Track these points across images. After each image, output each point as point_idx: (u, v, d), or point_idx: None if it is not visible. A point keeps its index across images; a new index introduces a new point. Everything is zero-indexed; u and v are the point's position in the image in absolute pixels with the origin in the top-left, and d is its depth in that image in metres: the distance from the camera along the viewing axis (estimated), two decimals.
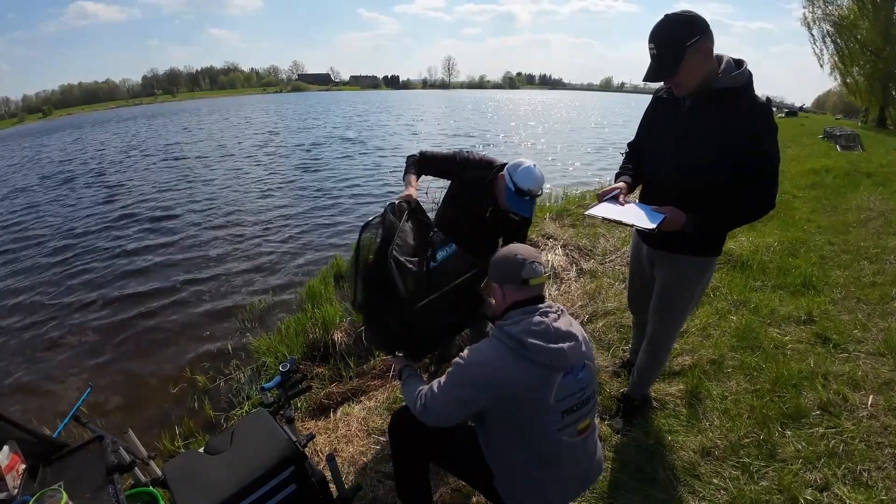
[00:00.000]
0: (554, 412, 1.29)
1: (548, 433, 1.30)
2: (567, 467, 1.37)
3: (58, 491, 1.35)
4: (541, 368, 1.28)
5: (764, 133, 1.55)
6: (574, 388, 1.32)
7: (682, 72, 1.55)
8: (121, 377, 3.67)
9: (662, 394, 2.33)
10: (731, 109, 1.56)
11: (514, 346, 1.29)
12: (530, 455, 1.34)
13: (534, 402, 1.28)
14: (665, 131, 1.79)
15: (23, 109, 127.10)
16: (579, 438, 1.36)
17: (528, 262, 1.38)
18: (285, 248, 6.32)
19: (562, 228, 5.49)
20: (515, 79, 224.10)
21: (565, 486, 1.40)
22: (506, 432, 1.36)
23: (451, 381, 1.36)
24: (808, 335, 2.78)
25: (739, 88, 1.56)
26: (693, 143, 1.65)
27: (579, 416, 1.35)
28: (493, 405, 1.31)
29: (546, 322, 1.32)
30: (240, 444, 1.62)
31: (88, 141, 21.13)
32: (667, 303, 1.90)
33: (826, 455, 1.90)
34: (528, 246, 1.51)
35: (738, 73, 1.56)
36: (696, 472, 1.86)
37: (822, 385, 2.29)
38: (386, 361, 3.12)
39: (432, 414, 1.38)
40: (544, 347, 1.27)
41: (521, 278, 1.37)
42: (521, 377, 1.27)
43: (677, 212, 1.62)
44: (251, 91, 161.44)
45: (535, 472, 1.36)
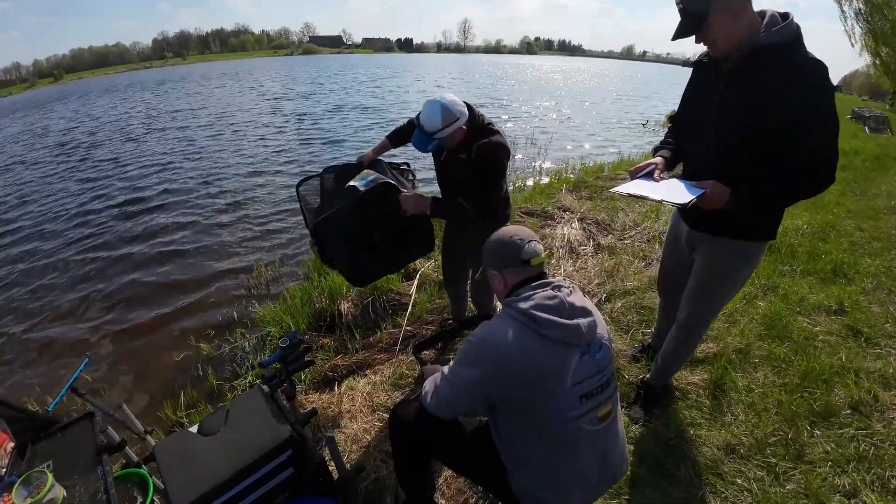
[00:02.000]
0: (571, 396, 1.19)
1: (565, 420, 1.19)
2: (588, 459, 1.24)
3: (44, 473, 1.30)
4: (556, 346, 1.17)
5: (818, 95, 1.31)
6: (592, 369, 1.21)
7: (711, 28, 1.36)
8: (124, 345, 3.63)
9: (685, 383, 2.20)
10: (777, 70, 1.33)
11: (526, 321, 1.18)
12: (547, 446, 1.22)
13: (549, 385, 1.17)
14: (705, 100, 1.57)
15: (34, 74, 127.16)
16: (600, 426, 1.24)
17: (526, 241, 1.30)
18: (293, 216, 6.20)
19: (579, 201, 5.29)
20: (533, 44, 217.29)
21: (587, 481, 1.27)
22: (519, 421, 1.24)
23: (460, 359, 1.25)
24: (839, 327, 2.62)
25: (785, 45, 1.33)
26: (736, 111, 1.45)
27: (599, 401, 1.23)
28: (505, 388, 1.19)
29: (560, 296, 1.21)
30: (234, 425, 1.54)
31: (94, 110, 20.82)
32: (705, 289, 1.73)
33: (855, 459, 1.78)
34: (518, 226, 1.41)
35: (783, 26, 1.33)
36: (719, 470, 1.75)
37: (854, 382, 2.15)
38: (392, 334, 3.03)
39: (442, 401, 1.28)
40: (559, 322, 1.17)
41: (521, 259, 1.29)
42: (535, 354, 1.16)
43: (719, 186, 1.43)
44: (262, 53, 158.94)
45: (553, 465, 1.24)
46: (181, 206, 6.62)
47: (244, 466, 1.38)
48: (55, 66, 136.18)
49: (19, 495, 1.24)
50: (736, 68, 1.43)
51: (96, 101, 24.76)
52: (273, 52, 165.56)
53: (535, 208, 4.98)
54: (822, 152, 1.35)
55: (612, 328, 2.72)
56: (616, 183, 5.84)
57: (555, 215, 4.80)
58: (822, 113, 1.31)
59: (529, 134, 11.35)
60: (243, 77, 37.31)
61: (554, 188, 5.92)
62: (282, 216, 6.07)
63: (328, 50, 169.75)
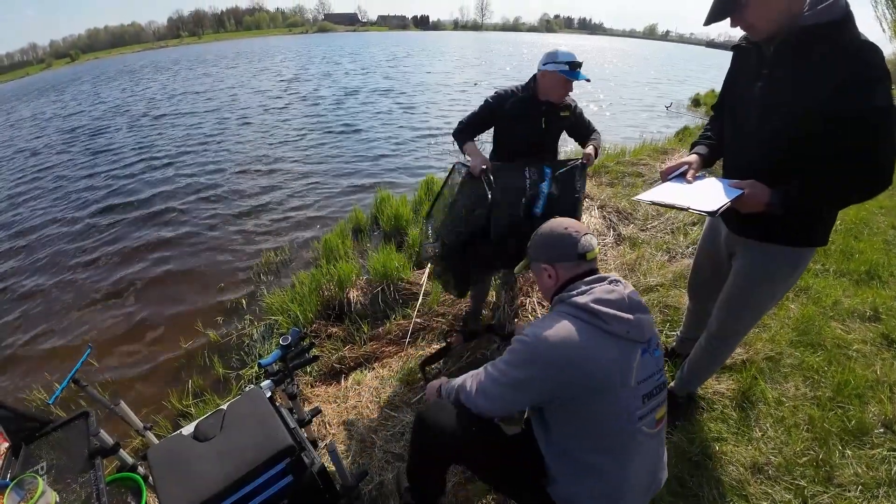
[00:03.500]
0: (637, 396, 1.11)
1: (629, 422, 1.11)
2: (641, 466, 1.17)
3: (35, 477, 1.28)
4: (620, 342, 1.10)
5: (870, 80, 1.14)
6: (653, 367, 1.16)
7: (749, 7, 1.22)
8: (131, 332, 3.60)
9: (711, 392, 2.06)
10: (824, 53, 1.18)
11: (587, 317, 1.12)
12: (605, 451, 1.13)
13: (615, 383, 1.09)
14: (747, 88, 1.41)
15: (50, 55, 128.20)
16: (657, 429, 1.18)
17: (582, 234, 1.25)
18: (303, 203, 6.12)
19: (599, 187, 5.07)
20: (553, 22, 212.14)
21: (634, 489, 1.17)
22: (576, 425, 1.16)
23: (514, 359, 1.16)
24: (874, 335, 2.44)
25: (833, 24, 1.17)
26: (779, 99, 1.30)
27: (658, 401, 1.18)
28: (565, 389, 1.11)
29: (618, 290, 1.16)
30: (231, 431, 1.47)
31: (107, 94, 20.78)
32: (743, 298, 1.58)
33: (886, 483, 1.65)
34: (568, 218, 1.34)
35: (830, 3, 1.17)
36: (745, 491, 1.63)
37: (889, 398, 2.00)
38: (402, 326, 2.94)
39: (487, 398, 1.21)
40: (622, 317, 1.11)
41: (577, 253, 1.23)
42: (599, 352, 1.09)
43: (758, 186, 1.29)
44: (276, 32, 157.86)
45: (608, 472, 1.14)
46: (190, 193, 6.54)
47: (240, 476, 1.32)
48: (71, 45, 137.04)
49: (11, 500, 1.22)
50: (779, 51, 1.27)
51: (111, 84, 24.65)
52: (288, 30, 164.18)
53: None
54: (877, 146, 1.18)
55: None
56: (638, 169, 5.61)
57: None
58: (876, 102, 1.14)
59: None
60: (259, 58, 36.94)
61: None
62: (292, 203, 5.97)
63: (343, 28, 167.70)
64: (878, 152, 1.18)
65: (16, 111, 18.49)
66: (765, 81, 1.34)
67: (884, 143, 1.17)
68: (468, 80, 18.91)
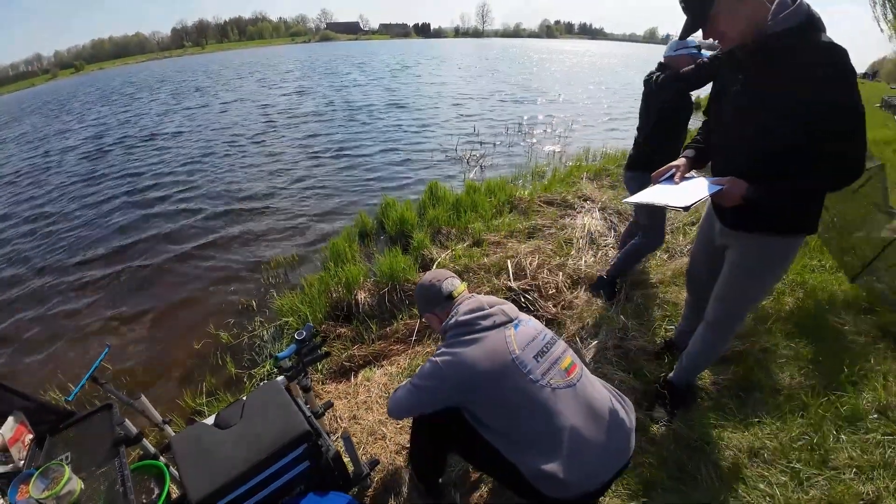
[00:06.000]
0: (528, 357, 1.32)
1: (534, 384, 1.29)
2: (574, 414, 1.28)
3: (61, 465, 1.33)
4: (492, 330, 1.36)
5: (833, 81, 1.22)
6: (532, 332, 1.39)
7: (717, 20, 1.33)
8: (143, 333, 3.69)
9: (709, 382, 2.14)
10: (788, 58, 1.27)
11: (465, 329, 1.38)
12: (530, 415, 1.28)
13: (505, 360, 1.30)
14: (727, 94, 1.53)
15: (55, 65, 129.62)
16: (570, 378, 1.34)
17: (442, 280, 1.55)
18: (313, 202, 6.24)
19: (600, 190, 5.18)
20: (554, 27, 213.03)
21: (588, 439, 1.27)
22: (498, 407, 1.32)
23: (423, 375, 1.40)
24: (869, 327, 2.50)
25: (795, 30, 1.25)
26: (753, 101, 1.40)
27: (555, 355, 1.37)
28: (473, 389, 1.32)
29: (474, 297, 1.49)
30: (251, 418, 1.54)
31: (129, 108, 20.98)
32: (736, 287, 1.67)
33: (881, 465, 1.70)
34: (433, 270, 1.74)
35: (791, 11, 1.26)
36: (742, 474, 1.70)
37: (883, 386, 2.06)
38: (409, 325, 3.02)
39: (403, 409, 1.47)
40: (485, 313, 1.39)
41: (444, 296, 1.52)
42: (482, 348, 1.32)
43: (736, 181, 1.40)
44: (279, 41, 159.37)
45: (545, 431, 1.27)
46: (201, 202, 6.64)
47: (260, 460, 1.39)
48: (76, 56, 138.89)
49: (37, 488, 1.27)
50: (749, 58, 1.38)
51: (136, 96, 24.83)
52: (291, 39, 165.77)
53: (554, 197, 4.90)
54: (845, 141, 1.26)
55: (635, 322, 2.66)
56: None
57: (575, 205, 4.71)
58: (841, 100, 1.23)
59: (548, 121, 11.19)
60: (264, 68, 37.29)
61: (574, 177, 5.81)
62: (299, 210, 6.05)
63: (345, 36, 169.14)
64: (846, 146, 1.26)
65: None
66: (741, 86, 1.44)
67: (850, 138, 1.25)
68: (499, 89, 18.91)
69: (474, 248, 3.91)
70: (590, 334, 2.61)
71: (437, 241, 4.21)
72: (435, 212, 4.70)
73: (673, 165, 1.64)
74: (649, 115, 2.65)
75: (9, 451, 1.44)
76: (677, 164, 1.65)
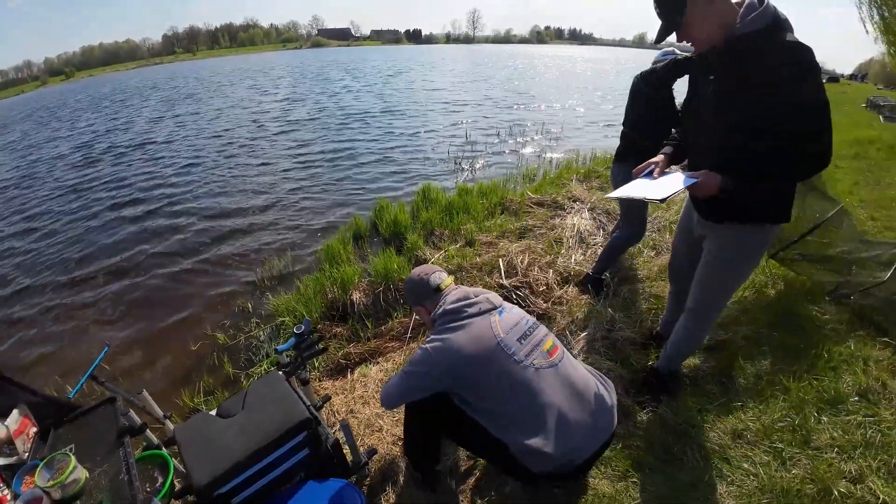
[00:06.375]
0: (512, 340, 1.42)
1: (517, 364, 1.38)
2: (555, 392, 1.38)
3: (66, 455, 1.35)
4: (478, 318, 1.45)
5: (798, 79, 1.30)
6: (516, 317, 1.51)
7: (688, 24, 1.41)
8: (141, 335, 3.71)
9: (693, 369, 2.21)
10: (755, 58, 1.35)
11: (451, 317, 1.47)
12: (515, 395, 1.36)
13: (490, 344, 1.39)
14: (700, 95, 1.63)
15: (45, 72, 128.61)
16: (553, 359, 1.44)
17: (430, 274, 1.64)
18: (305, 206, 6.28)
19: (589, 191, 5.29)
20: (544, 33, 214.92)
21: (570, 417, 1.36)
22: (485, 389, 1.40)
23: (415, 362, 1.47)
24: (849, 316, 2.59)
25: (762, 31, 1.33)
26: (724, 104, 1.49)
27: (538, 337, 1.47)
28: (461, 374, 1.40)
29: (460, 288, 1.59)
30: (252, 408, 1.59)
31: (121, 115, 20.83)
32: (714, 275, 1.75)
33: (862, 445, 1.77)
34: (421, 265, 1.76)
35: (758, 13, 1.33)
36: (726, 455, 1.77)
37: (863, 370, 2.14)
38: (403, 323, 3.08)
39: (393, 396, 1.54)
40: (471, 301, 1.50)
41: (433, 289, 1.60)
42: (468, 335, 1.41)
43: (711, 174, 1.48)
44: (271, 48, 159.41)
45: (529, 408, 1.36)
46: (194, 206, 6.67)
47: (262, 446, 1.43)
48: (66, 63, 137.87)
49: (42, 477, 1.29)
50: (719, 59, 1.47)
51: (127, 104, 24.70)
52: (282, 45, 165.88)
53: (545, 199, 4.99)
54: (810, 135, 1.34)
55: (623, 314, 2.74)
56: None
57: (565, 205, 4.80)
58: (806, 96, 1.31)
59: (539, 126, 11.32)
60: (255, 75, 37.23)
61: (564, 178, 5.91)
62: (293, 214, 6.10)
63: (337, 43, 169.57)
64: (811, 137, 1.34)
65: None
66: (712, 86, 1.53)
67: (814, 130, 1.33)
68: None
69: (467, 249, 3.98)
70: (579, 327, 2.69)
71: (430, 243, 4.28)
72: (428, 214, 4.77)
73: (652, 162, 1.73)
74: (635, 107, 2.84)
75: (13, 443, 1.45)
76: (656, 160, 1.74)
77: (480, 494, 1.75)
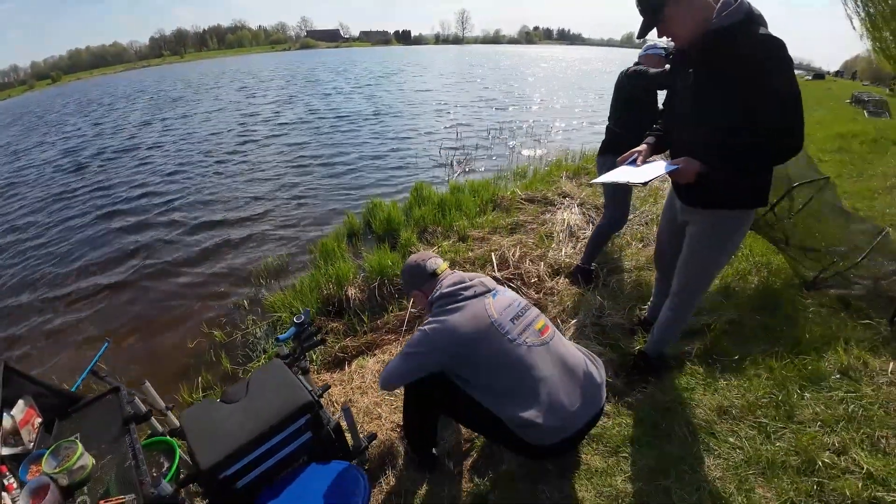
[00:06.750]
0: (505, 320, 1.49)
1: (511, 342, 1.46)
2: (547, 368, 1.45)
3: (73, 443, 1.37)
4: (473, 300, 1.52)
5: (769, 69, 1.37)
6: (509, 299, 1.59)
7: (668, 20, 1.49)
8: (138, 333, 3.74)
9: (680, 352, 2.29)
10: (730, 52, 1.42)
11: (446, 301, 1.54)
12: (509, 370, 1.44)
13: (485, 323, 1.47)
14: (680, 87, 1.71)
15: (32, 76, 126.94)
16: (545, 337, 1.52)
17: (427, 260, 1.71)
18: (298, 206, 6.32)
19: (578, 187, 5.38)
20: (533, 33, 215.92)
21: (561, 391, 1.44)
22: (481, 366, 1.47)
23: (413, 343, 1.53)
24: (831, 300, 2.68)
25: (736, 26, 1.41)
26: (702, 96, 1.57)
27: (530, 317, 1.56)
28: (459, 353, 1.47)
29: (456, 272, 1.67)
30: (255, 394, 1.63)
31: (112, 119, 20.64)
32: (696, 258, 1.83)
33: (845, 419, 1.84)
34: (417, 252, 1.86)
35: (732, 9, 1.41)
36: (712, 430, 1.84)
37: (844, 349, 2.22)
38: (399, 316, 3.12)
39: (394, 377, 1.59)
40: (466, 284, 1.57)
41: (429, 273, 1.67)
42: (465, 315, 1.48)
43: (690, 160, 1.56)
44: (259, 49, 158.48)
45: (522, 383, 1.43)
46: (188, 207, 6.69)
47: (265, 430, 1.47)
48: (53, 67, 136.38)
49: (49, 464, 1.32)
50: (697, 53, 1.55)
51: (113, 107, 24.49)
52: (271, 47, 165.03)
53: (535, 195, 5.07)
54: (782, 121, 1.40)
55: (611, 303, 2.81)
56: None
57: (555, 201, 4.89)
58: (778, 87, 1.38)
59: (529, 125, 11.42)
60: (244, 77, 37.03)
61: (554, 176, 6.00)
62: (287, 214, 6.13)
63: (325, 44, 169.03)
64: (784, 125, 1.41)
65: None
66: (692, 78, 1.61)
67: (787, 116, 1.40)
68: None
69: (460, 244, 4.05)
70: (569, 315, 2.77)
71: (423, 239, 4.34)
72: (421, 211, 4.83)
73: (636, 151, 1.82)
74: (619, 104, 2.96)
75: (19, 433, 1.47)
76: (639, 149, 1.83)
77: (478, 474, 1.81)
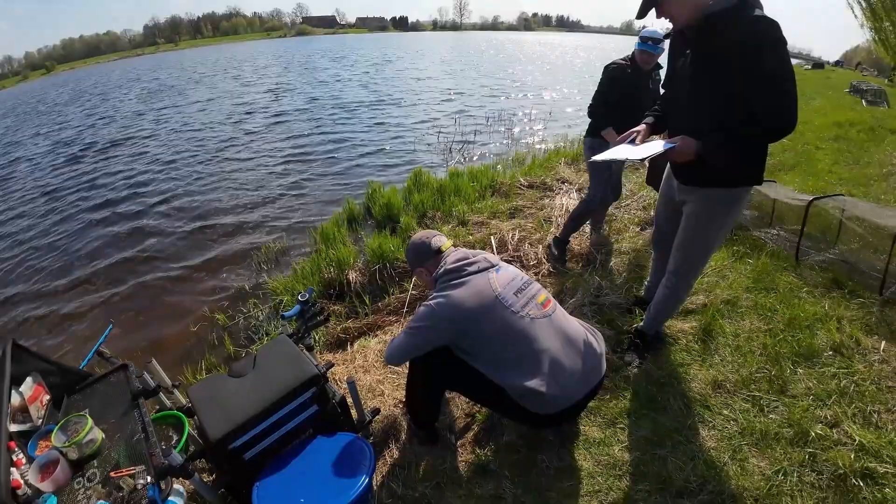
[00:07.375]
0: (509, 293, 1.54)
1: (514, 314, 1.50)
2: (549, 339, 1.51)
3: (83, 416, 1.39)
4: (477, 275, 1.56)
5: (764, 49, 1.40)
6: (511, 273, 1.63)
7: (667, 3, 1.52)
8: (142, 316, 3.78)
9: (675, 330, 2.34)
10: (725, 34, 1.46)
11: (451, 277, 1.58)
12: (512, 342, 1.49)
13: (489, 297, 1.51)
14: (679, 68, 1.75)
15: (26, 67, 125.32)
16: (547, 310, 1.57)
17: (431, 237, 1.74)
18: (297, 192, 6.33)
19: (577, 173, 5.41)
20: (531, 20, 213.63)
21: (563, 362, 1.49)
22: (485, 338, 1.51)
23: (418, 318, 1.56)
24: (824, 280, 2.73)
25: (731, 9, 1.45)
26: (699, 76, 1.61)
27: (533, 291, 1.60)
28: (464, 328, 1.50)
29: (460, 248, 1.72)
30: (262, 368, 1.67)
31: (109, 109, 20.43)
32: (693, 237, 1.86)
33: (837, 394, 1.89)
34: (422, 230, 1.93)
35: None
36: (707, 403, 1.89)
37: (836, 328, 2.27)
38: (400, 299, 3.16)
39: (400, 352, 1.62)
40: (470, 259, 1.61)
41: (433, 251, 1.70)
42: (469, 290, 1.52)
43: (686, 139, 1.60)
44: (255, 36, 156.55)
45: (525, 353, 1.48)
46: (187, 195, 6.69)
47: (273, 402, 1.51)
48: (46, 56, 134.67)
49: (58, 439, 1.33)
50: (694, 35, 1.58)
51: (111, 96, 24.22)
52: (266, 34, 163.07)
53: (534, 181, 5.10)
54: (776, 100, 1.43)
55: (609, 283, 2.86)
56: None
57: (553, 187, 4.92)
58: (770, 65, 1.41)
59: (528, 112, 11.38)
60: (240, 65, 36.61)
61: (553, 162, 6.01)
62: (286, 200, 6.14)
63: (322, 31, 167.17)
64: (777, 103, 1.44)
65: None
66: (689, 59, 1.65)
67: (780, 95, 1.43)
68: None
69: (460, 228, 4.08)
70: (568, 295, 2.81)
71: (423, 224, 4.37)
72: (420, 196, 4.84)
73: (634, 130, 1.87)
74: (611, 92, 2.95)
75: (28, 410, 1.48)
76: (638, 129, 1.88)
77: (480, 445, 1.86)
